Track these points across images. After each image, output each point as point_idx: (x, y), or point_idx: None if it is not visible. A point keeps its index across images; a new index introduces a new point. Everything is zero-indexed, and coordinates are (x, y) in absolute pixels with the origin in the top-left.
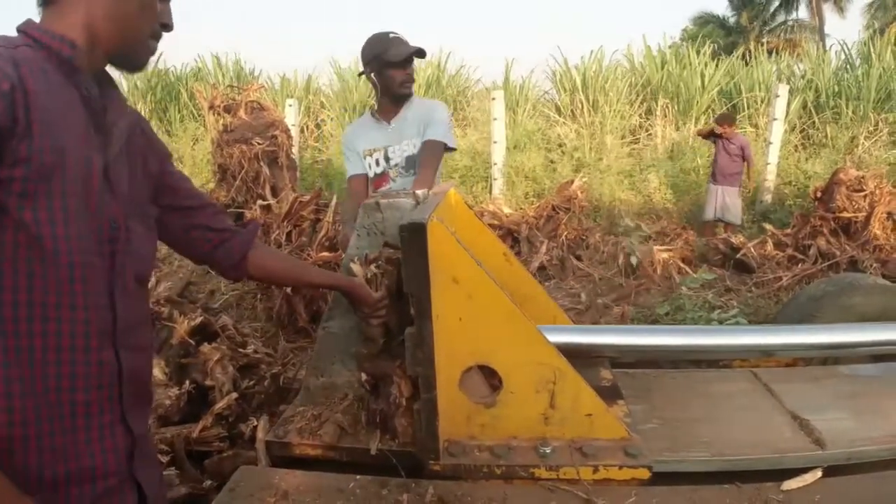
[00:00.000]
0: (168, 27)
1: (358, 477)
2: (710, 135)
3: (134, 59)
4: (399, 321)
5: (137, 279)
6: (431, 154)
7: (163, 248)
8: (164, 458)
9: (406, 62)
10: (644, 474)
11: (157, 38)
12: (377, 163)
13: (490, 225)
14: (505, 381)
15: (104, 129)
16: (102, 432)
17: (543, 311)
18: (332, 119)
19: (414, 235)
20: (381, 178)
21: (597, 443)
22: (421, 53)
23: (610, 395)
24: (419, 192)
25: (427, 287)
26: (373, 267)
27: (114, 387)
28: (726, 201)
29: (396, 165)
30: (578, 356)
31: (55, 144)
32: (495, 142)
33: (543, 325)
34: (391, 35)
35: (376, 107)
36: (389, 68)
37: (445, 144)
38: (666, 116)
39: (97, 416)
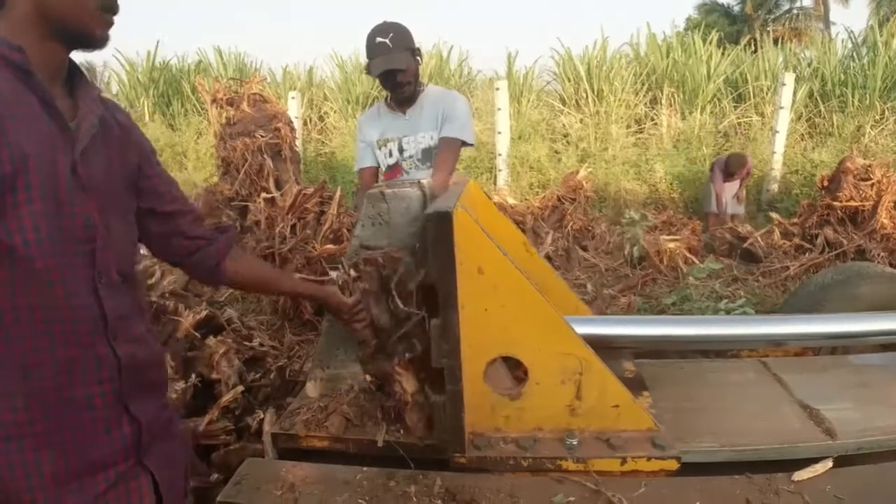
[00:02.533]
0: None
1: (365, 469)
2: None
3: (88, 34)
4: (390, 319)
5: (121, 273)
6: (448, 152)
7: None
8: None
9: (386, 75)
10: (672, 465)
11: (110, 9)
12: (390, 153)
13: None
14: (531, 372)
15: (69, 127)
16: (108, 424)
17: (564, 302)
18: (334, 111)
19: (440, 224)
20: (394, 169)
21: (624, 434)
22: (390, 74)
23: (635, 386)
24: (424, 181)
25: (453, 277)
26: (351, 271)
27: (114, 380)
28: (734, 194)
29: (411, 157)
30: (600, 347)
31: (14, 153)
32: (500, 132)
33: (566, 315)
34: (377, 40)
35: (390, 96)
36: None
37: (463, 141)
38: (671, 105)
39: (101, 409)
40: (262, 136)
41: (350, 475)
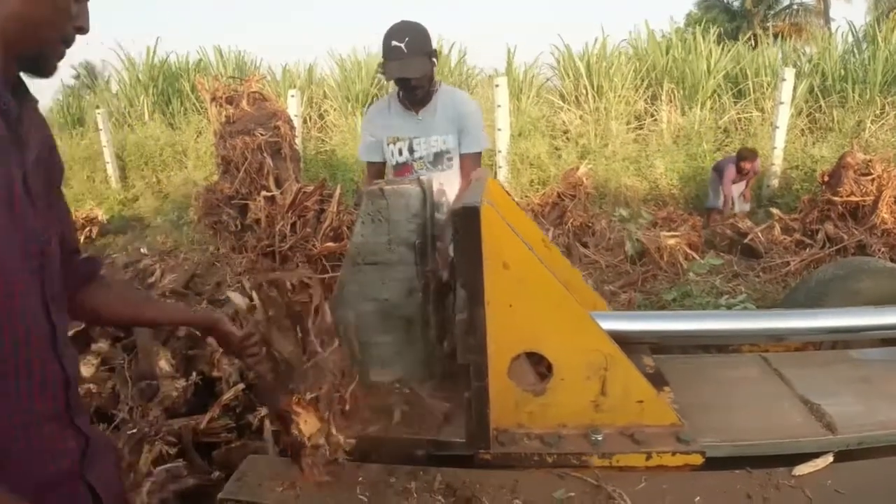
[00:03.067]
0: (83, 30)
1: (366, 465)
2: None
3: (43, 65)
4: (295, 352)
5: (60, 287)
6: (473, 167)
7: (168, 241)
8: (172, 450)
9: (400, 81)
10: (697, 460)
11: (70, 42)
12: (400, 152)
13: None
14: (555, 367)
15: (21, 140)
16: (57, 441)
17: (583, 298)
18: (334, 109)
19: (467, 220)
20: (404, 168)
21: (648, 429)
22: (405, 81)
23: (656, 381)
24: (424, 178)
25: (480, 273)
26: (255, 295)
27: (60, 395)
28: (738, 192)
29: (421, 159)
30: (621, 343)
31: None
32: (499, 129)
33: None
34: (393, 44)
35: (403, 94)
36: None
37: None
38: (671, 102)
39: (51, 423)
40: (261, 135)
41: (351, 471)
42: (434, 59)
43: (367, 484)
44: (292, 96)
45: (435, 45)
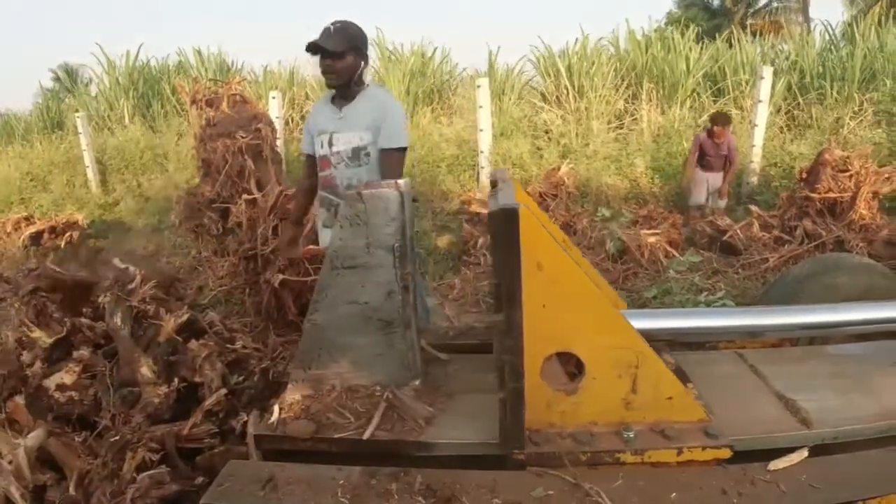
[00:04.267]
0: None
1: (347, 467)
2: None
3: None
4: None
5: None
6: (393, 164)
7: (150, 245)
8: (155, 457)
9: (321, 53)
10: (726, 454)
11: None
12: (321, 145)
13: (476, 213)
14: (587, 366)
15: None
16: None
17: (605, 297)
18: None
19: (506, 221)
20: (323, 161)
21: (677, 425)
22: (312, 48)
23: (679, 377)
24: (402, 182)
25: (518, 274)
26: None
27: None
28: (715, 188)
29: (339, 153)
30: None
31: None
32: (481, 130)
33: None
34: (325, 27)
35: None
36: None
37: (402, 147)
38: (651, 101)
39: None
40: (242, 137)
41: (332, 474)
42: (362, 58)
43: (348, 487)
44: (273, 98)
45: (417, 46)
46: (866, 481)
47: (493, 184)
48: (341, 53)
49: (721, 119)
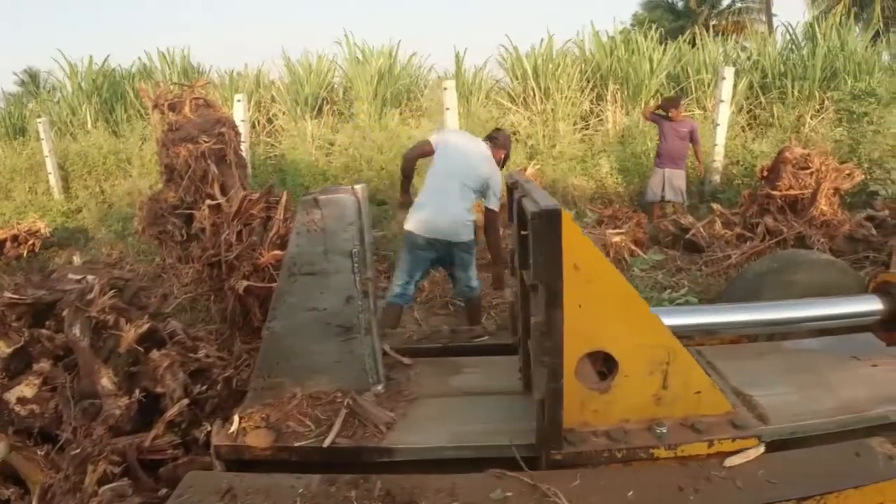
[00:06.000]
0: None
1: (306, 476)
2: (656, 117)
3: None
4: None
5: None
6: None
7: (114, 252)
8: (117, 469)
9: None
10: (753, 443)
11: None
12: None
13: None
14: (620, 365)
15: None
16: None
17: None
18: (283, 113)
19: (550, 223)
20: None
21: (706, 419)
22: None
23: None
24: (357, 187)
25: (559, 275)
26: None
27: None
28: (672, 182)
29: None
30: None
31: None
32: None
33: None
34: None
35: None
36: None
37: None
38: (616, 102)
39: None
40: (205, 142)
41: (292, 482)
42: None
43: (308, 495)
44: (238, 101)
45: (385, 47)
46: (824, 477)
47: (513, 186)
48: None
49: (671, 102)
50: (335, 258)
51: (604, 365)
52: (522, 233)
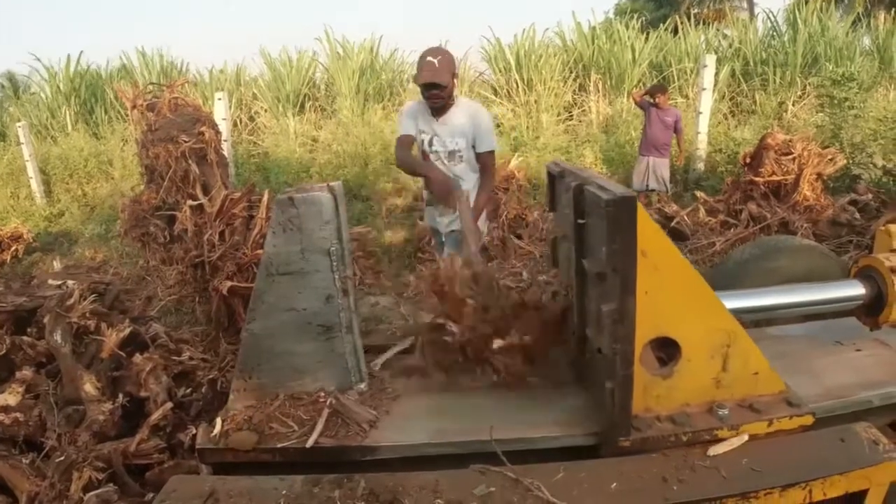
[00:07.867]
0: None
1: (290, 476)
2: (644, 104)
3: None
4: None
5: None
6: (489, 163)
7: (98, 256)
8: (102, 475)
9: (427, 87)
10: (809, 420)
11: None
12: (422, 143)
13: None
14: (683, 349)
15: None
16: None
17: None
18: (265, 110)
19: (624, 210)
20: (423, 154)
21: (763, 399)
22: (431, 86)
23: None
24: (334, 184)
25: (633, 262)
26: None
27: None
28: (656, 172)
29: (437, 152)
30: None
31: None
32: None
33: None
34: (427, 58)
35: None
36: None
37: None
38: (599, 92)
39: None
40: (185, 141)
41: (276, 484)
42: (455, 80)
43: (291, 496)
44: (219, 99)
45: (367, 42)
46: (808, 464)
47: (558, 175)
48: (448, 82)
49: (659, 88)
50: (313, 257)
51: (661, 350)
52: (579, 221)
